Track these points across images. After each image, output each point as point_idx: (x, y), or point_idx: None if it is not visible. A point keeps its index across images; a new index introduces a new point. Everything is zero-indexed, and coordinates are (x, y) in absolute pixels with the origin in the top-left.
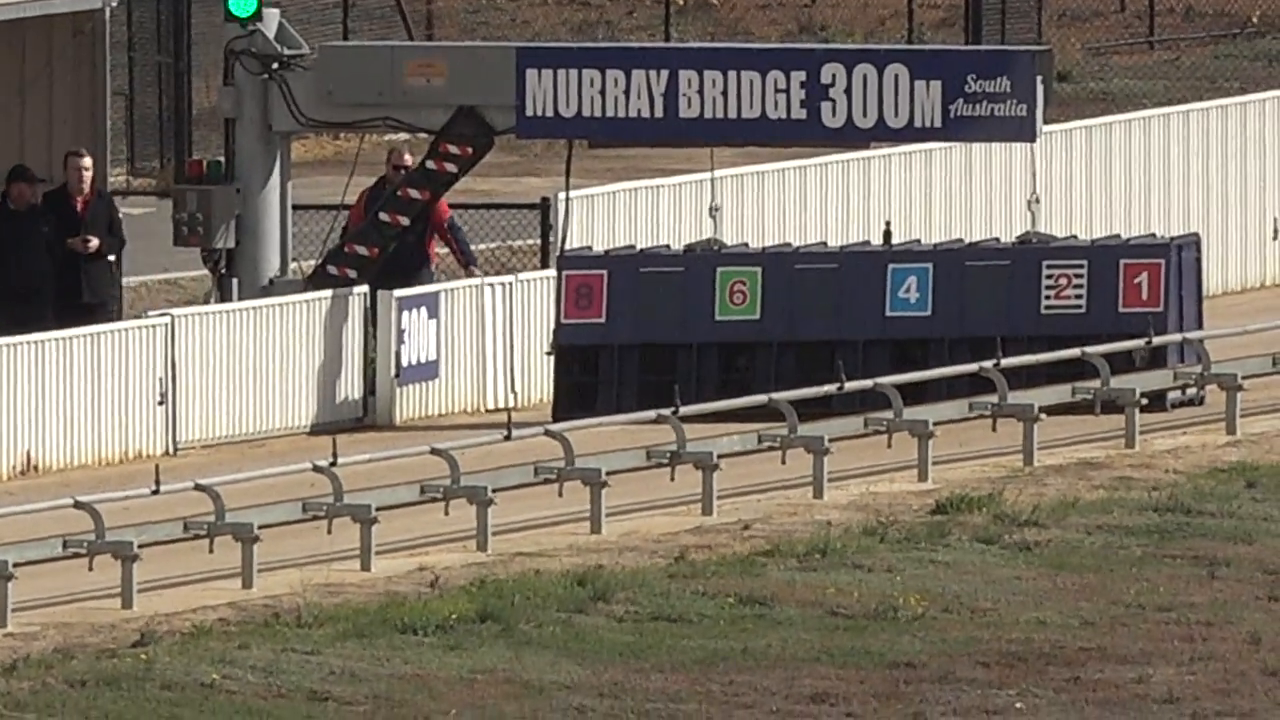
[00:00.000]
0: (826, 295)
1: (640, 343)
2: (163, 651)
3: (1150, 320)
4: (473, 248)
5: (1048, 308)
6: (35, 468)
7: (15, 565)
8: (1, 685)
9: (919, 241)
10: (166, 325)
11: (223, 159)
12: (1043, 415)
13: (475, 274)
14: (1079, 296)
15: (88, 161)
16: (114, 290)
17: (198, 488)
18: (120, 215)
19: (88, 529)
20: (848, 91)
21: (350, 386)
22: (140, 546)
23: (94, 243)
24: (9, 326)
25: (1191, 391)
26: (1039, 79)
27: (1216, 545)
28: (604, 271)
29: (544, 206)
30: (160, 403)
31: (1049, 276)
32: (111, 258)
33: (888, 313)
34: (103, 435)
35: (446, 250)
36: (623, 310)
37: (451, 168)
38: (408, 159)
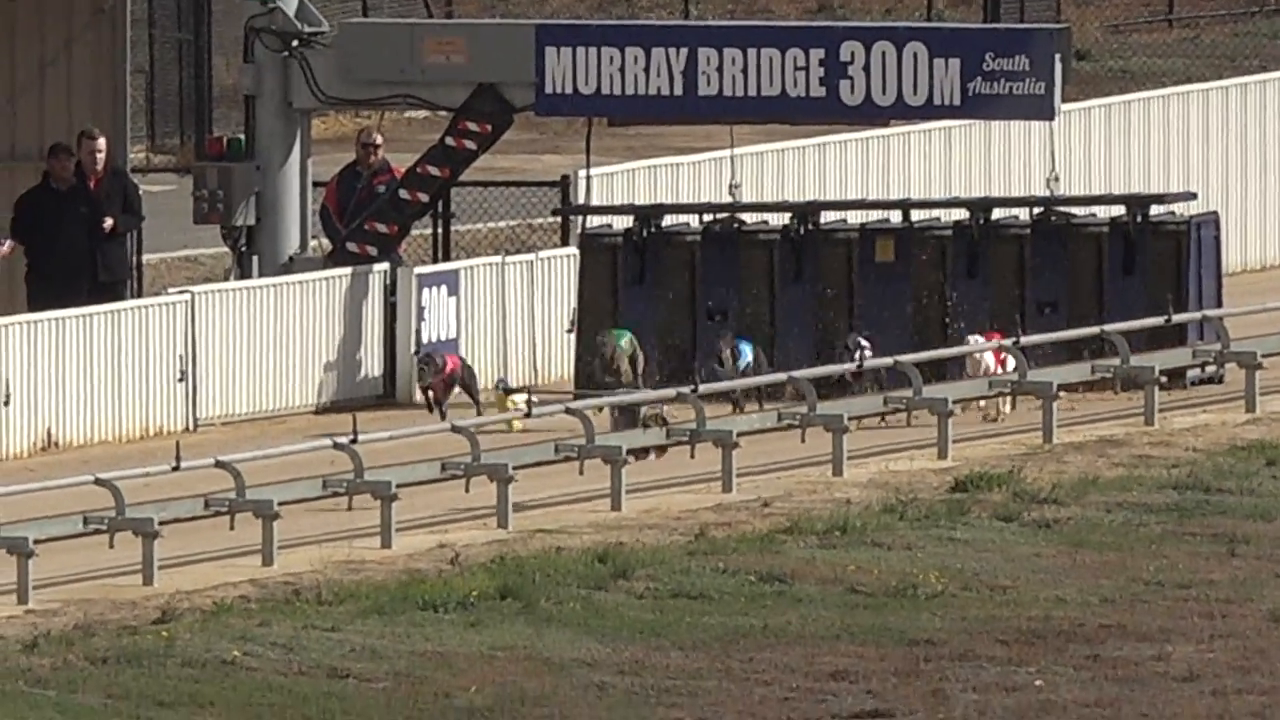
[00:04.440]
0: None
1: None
2: (184, 628)
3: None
4: (492, 225)
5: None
6: (56, 444)
7: (36, 542)
8: (23, 662)
9: (938, 219)
10: (187, 302)
11: (243, 136)
12: (1062, 393)
13: None
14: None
15: (101, 142)
16: (128, 269)
17: (218, 464)
18: (138, 192)
19: (108, 506)
20: (866, 69)
21: (371, 363)
22: (161, 523)
23: (108, 223)
24: (48, 304)
25: (1211, 369)
26: (1058, 57)
27: (1236, 523)
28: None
29: (564, 184)
30: (180, 379)
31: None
32: (124, 236)
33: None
34: (123, 412)
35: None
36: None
37: (471, 145)
38: (378, 139)
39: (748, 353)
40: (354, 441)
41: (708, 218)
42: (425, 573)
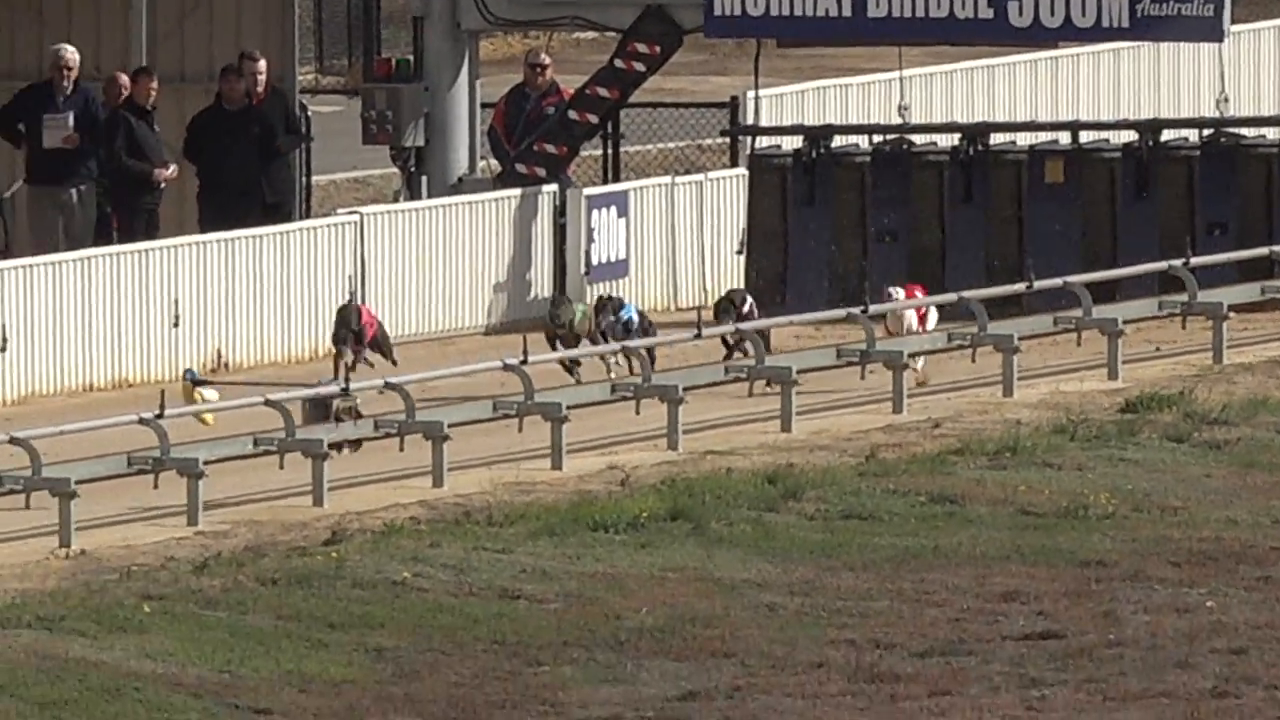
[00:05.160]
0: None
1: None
2: (354, 550)
3: None
4: (662, 146)
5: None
6: (225, 365)
7: (207, 463)
8: (193, 583)
9: (1107, 141)
10: (355, 223)
11: (411, 57)
12: (1232, 314)
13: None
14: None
15: (262, 64)
16: (292, 190)
17: (388, 386)
18: (302, 112)
19: (278, 427)
20: None
21: (540, 284)
22: (330, 445)
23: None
24: (219, 225)
25: None
26: None
27: None
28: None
29: (732, 105)
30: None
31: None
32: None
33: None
34: (292, 333)
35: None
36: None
37: (640, 67)
38: (546, 60)
39: (631, 310)
40: (524, 362)
41: (877, 139)
42: (595, 494)
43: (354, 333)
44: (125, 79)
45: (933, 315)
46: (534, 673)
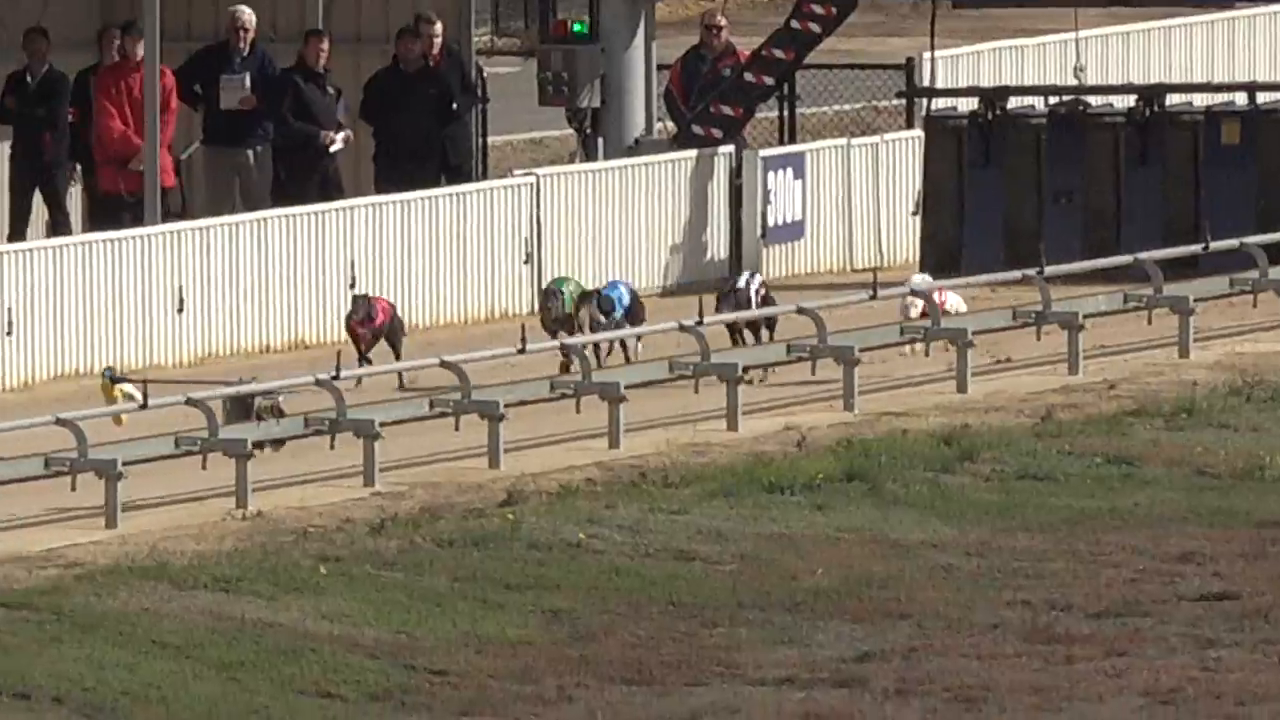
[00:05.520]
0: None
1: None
2: (529, 511)
3: None
4: (838, 107)
5: None
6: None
7: (382, 425)
8: (370, 544)
9: None
10: (532, 185)
11: (587, 19)
12: None
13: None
14: None
15: (439, 28)
16: (471, 152)
17: (563, 349)
18: (478, 74)
19: (454, 388)
20: None
21: (716, 246)
22: (506, 406)
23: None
24: (396, 186)
25: None
26: None
27: None
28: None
29: (908, 67)
30: (526, 261)
31: None
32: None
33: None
34: (468, 294)
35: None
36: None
37: (816, 28)
38: (722, 21)
39: (625, 297)
40: (699, 324)
41: (1053, 100)
42: (771, 455)
43: (369, 320)
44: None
45: (957, 303)
46: (709, 634)
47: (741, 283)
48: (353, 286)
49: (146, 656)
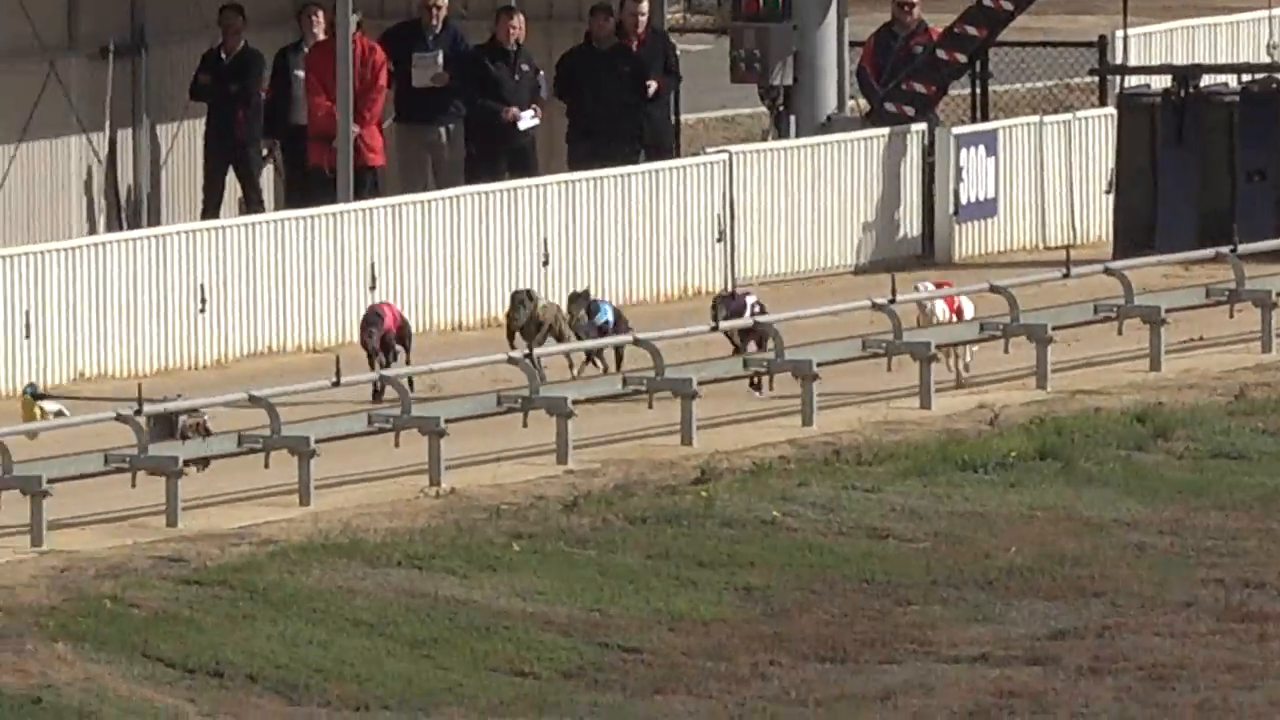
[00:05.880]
0: None
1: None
2: (723, 488)
3: None
4: (1030, 85)
5: None
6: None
7: (575, 403)
8: (563, 521)
9: None
10: (724, 162)
11: None
12: None
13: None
14: None
15: (644, 4)
16: (671, 132)
17: (755, 326)
18: (677, 53)
19: (647, 367)
20: None
21: (909, 223)
22: (700, 384)
23: (652, 86)
24: (589, 164)
25: None
26: None
27: None
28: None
29: (1101, 44)
30: (718, 239)
31: None
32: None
33: None
34: (661, 271)
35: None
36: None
37: (1008, 5)
38: None
39: (607, 311)
40: (892, 302)
41: (1246, 78)
42: (964, 433)
43: (377, 329)
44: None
45: (968, 308)
46: (903, 612)
47: (740, 292)
48: (545, 263)
49: (340, 634)
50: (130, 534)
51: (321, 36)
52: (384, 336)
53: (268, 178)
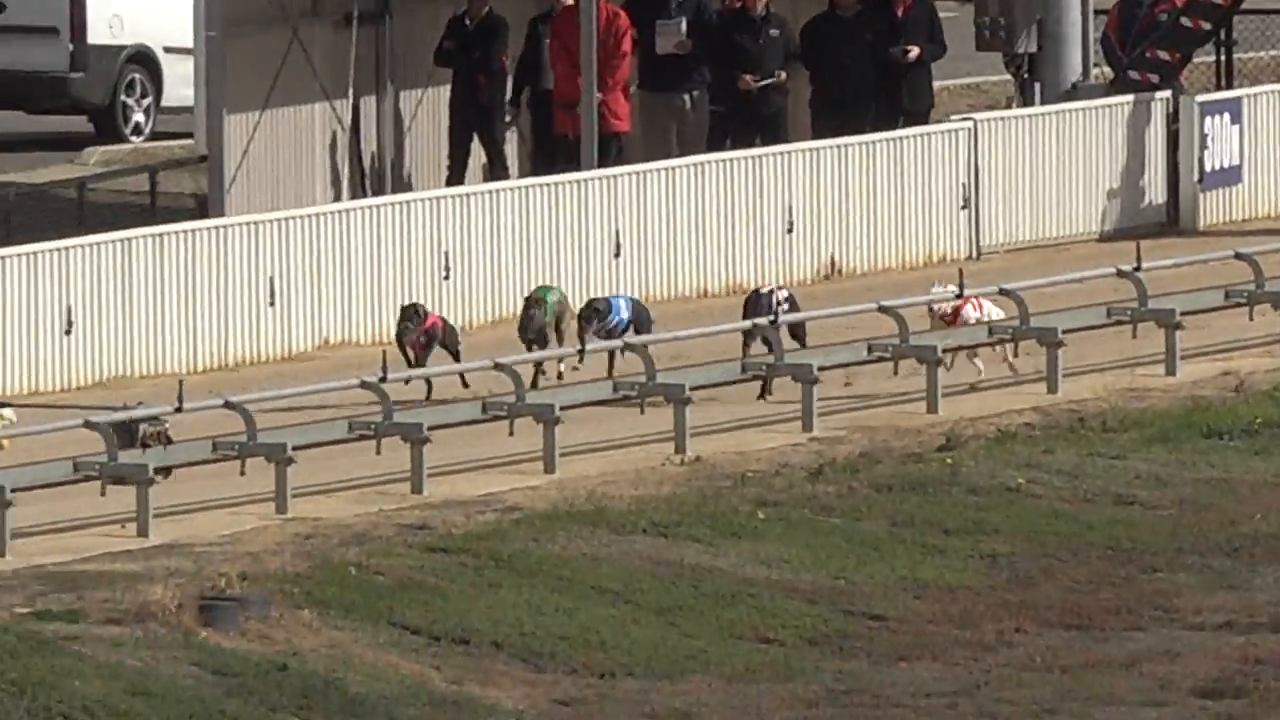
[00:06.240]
0: None
1: None
2: (968, 455)
3: None
4: (1275, 53)
5: None
6: (839, 271)
7: (821, 369)
8: (808, 489)
9: None
10: (969, 130)
11: None
12: None
13: None
14: None
15: None
16: (932, 99)
17: (1001, 292)
18: (940, 21)
19: (891, 335)
20: None
21: (1154, 191)
22: (944, 351)
23: (914, 52)
24: (832, 131)
25: None
26: None
27: None
28: None
29: None
30: (963, 207)
31: None
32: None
33: None
34: (906, 239)
35: None
36: None
37: None
38: None
39: (622, 308)
40: (1137, 269)
41: None
42: (1209, 400)
43: (418, 328)
44: None
45: (993, 310)
46: (1148, 579)
47: (765, 289)
48: (790, 230)
49: (585, 601)
50: (375, 501)
51: (568, 2)
52: (428, 330)
53: (512, 144)
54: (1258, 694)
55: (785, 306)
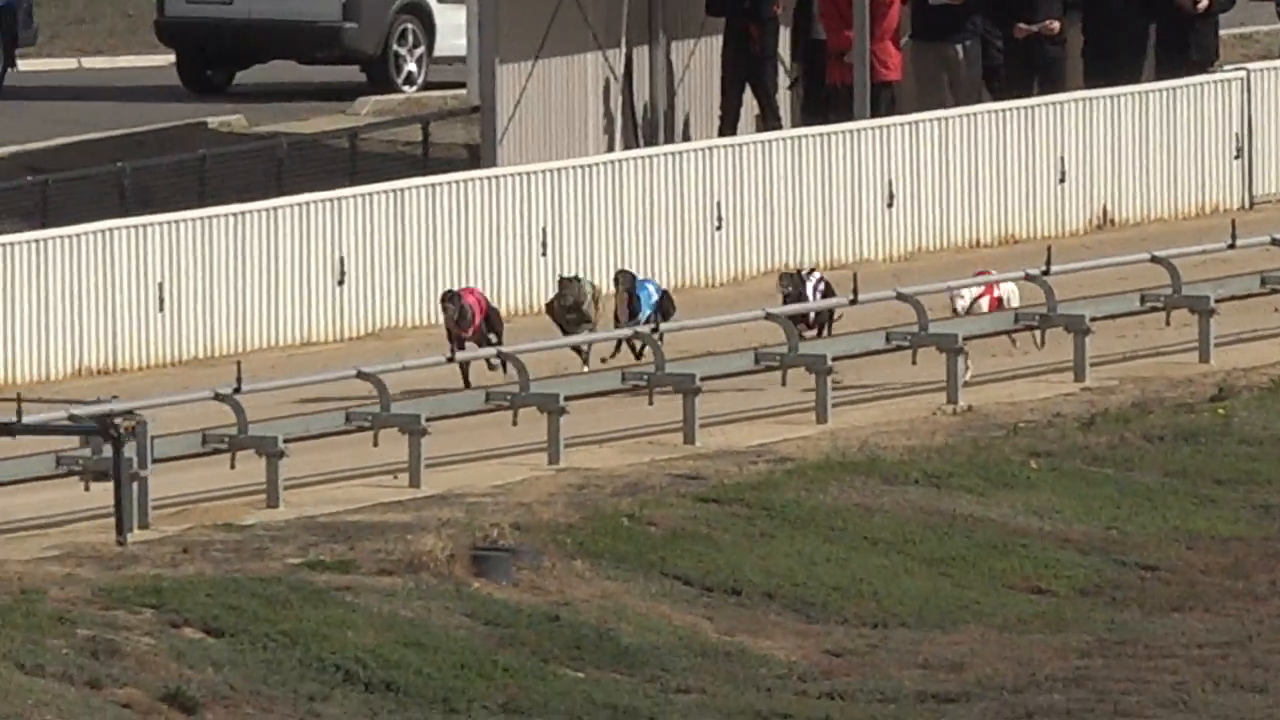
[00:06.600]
0: None
1: None
2: (1241, 406)
3: None
4: None
5: None
6: (1111, 221)
7: (1092, 320)
8: (1080, 439)
9: None
10: (1242, 80)
11: None
12: None
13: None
14: None
15: None
16: (1218, 50)
17: (1273, 242)
18: None
19: (1164, 284)
20: None
21: None
22: (1217, 301)
23: (1204, 2)
24: (1105, 82)
25: None
26: None
27: None
28: None
29: None
30: (1237, 157)
31: None
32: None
33: None
34: (1178, 189)
35: None
36: None
37: None
38: None
39: (653, 293)
40: None
41: None
42: None
43: (464, 317)
44: None
45: (1012, 296)
46: None
47: (803, 274)
48: (1062, 180)
49: (857, 551)
50: (648, 451)
51: None
52: (461, 309)
53: (785, 94)
54: None
55: (822, 288)
